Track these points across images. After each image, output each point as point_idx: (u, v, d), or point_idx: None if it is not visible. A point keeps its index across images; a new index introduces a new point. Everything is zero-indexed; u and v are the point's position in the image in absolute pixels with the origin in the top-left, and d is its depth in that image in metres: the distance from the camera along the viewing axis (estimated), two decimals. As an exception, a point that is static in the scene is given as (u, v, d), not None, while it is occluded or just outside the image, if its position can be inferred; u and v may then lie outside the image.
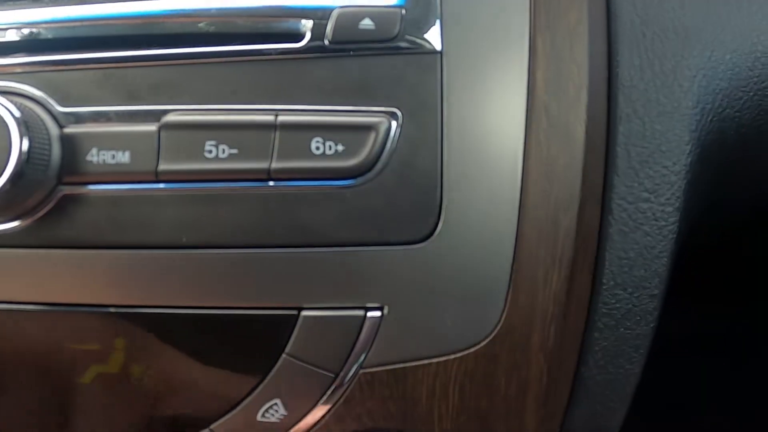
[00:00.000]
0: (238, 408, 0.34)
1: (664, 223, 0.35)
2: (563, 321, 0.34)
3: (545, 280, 0.33)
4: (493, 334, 0.33)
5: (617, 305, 0.35)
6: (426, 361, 0.33)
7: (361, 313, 0.32)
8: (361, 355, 0.33)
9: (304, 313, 0.32)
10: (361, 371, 0.33)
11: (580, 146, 0.33)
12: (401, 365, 0.33)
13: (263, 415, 0.34)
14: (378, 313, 0.32)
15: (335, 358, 0.33)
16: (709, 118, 0.35)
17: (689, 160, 0.35)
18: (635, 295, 0.35)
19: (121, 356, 0.34)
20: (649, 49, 0.35)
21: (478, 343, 0.33)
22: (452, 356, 0.33)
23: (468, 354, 0.33)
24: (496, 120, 0.33)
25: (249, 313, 0.33)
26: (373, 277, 0.32)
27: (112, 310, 0.33)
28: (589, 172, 0.33)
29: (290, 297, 0.32)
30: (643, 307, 0.36)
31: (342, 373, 0.33)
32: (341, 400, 0.34)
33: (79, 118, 0.32)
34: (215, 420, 0.35)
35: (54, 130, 0.32)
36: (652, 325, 0.36)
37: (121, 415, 0.35)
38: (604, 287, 0.35)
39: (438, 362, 0.33)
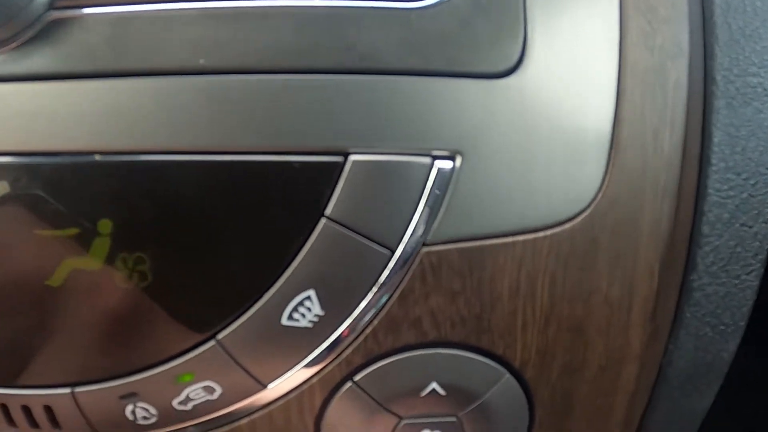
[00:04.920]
0: (257, 306, 0.25)
1: None
2: (677, 198, 0.27)
3: (655, 139, 0.26)
4: (593, 206, 0.26)
5: (730, 193, 0.29)
6: (510, 239, 0.26)
7: (427, 161, 0.25)
8: (426, 224, 0.25)
9: (353, 157, 0.25)
10: (425, 249, 0.25)
11: None
12: (477, 242, 0.25)
13: (290, 317, 0.25)
14: (449, 164, 0.25)
15: (392, 226, 0.25)
16: None
17: None
18: (751, 181, 0.29)
19: (105, 243, 0.25)
20: None
21: (574, 217, 0.26)
22: (541, 234, 0.26)
23: (561, 231, 0.26)
24: None
25: (278, 159, 0.25)
26: (443, 114, 0.25)
27: (98, 158, 0.25)
28: (692, 29, 0.28)
29: (335, 136, 0.25)
30: (761, 197, 0.29)
31: (401, 250, 0.25)
32: (396, 293, 0.26)
33: None
34: (223, 328, 0.26)
35: None
36: None
37: (94, 327, 0.26)
38: (713, 169, 0.28)
39: (525, 241, 0.26)
